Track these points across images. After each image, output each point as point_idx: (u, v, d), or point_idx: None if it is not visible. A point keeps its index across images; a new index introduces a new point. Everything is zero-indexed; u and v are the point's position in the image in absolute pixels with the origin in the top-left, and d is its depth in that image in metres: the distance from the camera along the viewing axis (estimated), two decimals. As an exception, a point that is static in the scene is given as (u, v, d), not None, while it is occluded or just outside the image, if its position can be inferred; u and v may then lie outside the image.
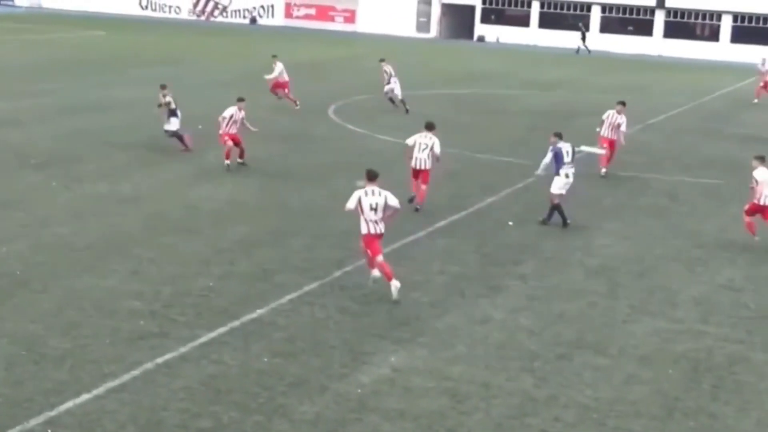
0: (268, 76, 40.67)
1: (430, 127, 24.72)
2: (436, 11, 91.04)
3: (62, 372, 14.15)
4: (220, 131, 28.14)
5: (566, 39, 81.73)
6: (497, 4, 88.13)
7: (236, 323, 16.36)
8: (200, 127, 33.35)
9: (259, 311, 16.99)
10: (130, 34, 73.10)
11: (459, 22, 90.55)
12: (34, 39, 66.67)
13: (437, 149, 24.25)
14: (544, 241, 22.41)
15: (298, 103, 40.29)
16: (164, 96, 30.12)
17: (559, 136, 23.79)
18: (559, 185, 23.60)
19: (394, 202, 17.95)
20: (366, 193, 17.78)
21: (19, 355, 14.64)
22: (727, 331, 17.44)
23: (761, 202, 22.11)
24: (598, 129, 30.01)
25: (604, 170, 29.41)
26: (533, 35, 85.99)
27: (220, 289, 18.05)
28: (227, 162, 27.93)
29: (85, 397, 13.39)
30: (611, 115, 29.85)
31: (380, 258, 18.03)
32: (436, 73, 58.58)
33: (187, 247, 20.57)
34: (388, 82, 41.46)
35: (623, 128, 29.94)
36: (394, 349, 15.77)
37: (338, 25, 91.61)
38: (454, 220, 23.91)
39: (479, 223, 23.87)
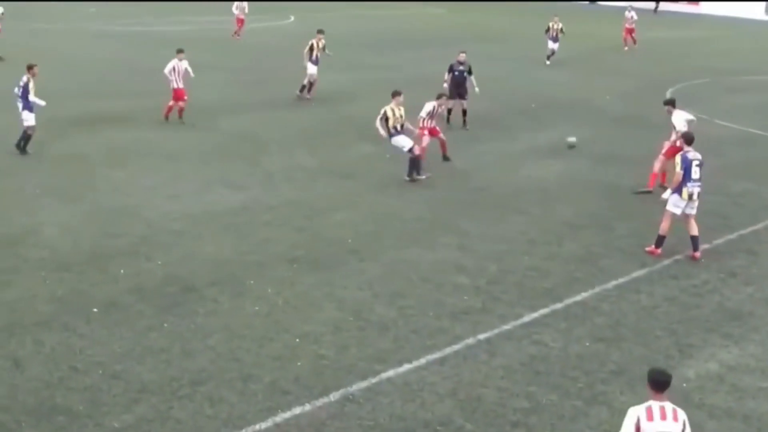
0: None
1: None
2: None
3: (386, 340, 14.39)
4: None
5: None
6: None
7: (559, 305, 16.08)
8: (533, 105, 33.36)
9: (584, 294, 16.63)
10: (470, 12, 73.96)
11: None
12: (378, 14, 68.80)
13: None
14: None
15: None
16: None
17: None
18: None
19: None
20: None
21: (346, 321, 15.03)
22: None
23: None
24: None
25: None
26: None
27: (544, 269, 17.83)
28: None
29: (406, 366, 13.55)
30: None
31: None
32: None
33: (513, 225, 20.47)
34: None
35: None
36: (723, 344, 14.98)
37: (682, 6, 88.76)
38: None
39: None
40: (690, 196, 18.47)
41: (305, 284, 16.50)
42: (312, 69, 34.49)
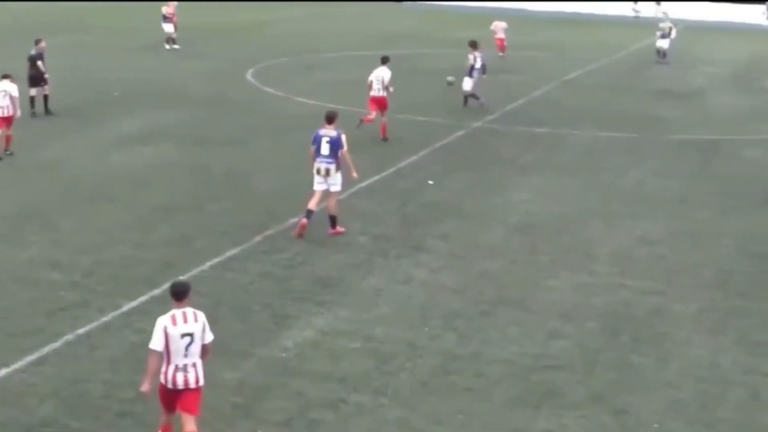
0: None
1: (385, 60, 28.22)
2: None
3: (-20, 347, 13.93)
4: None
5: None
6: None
7: (157, 291, 16.19)
8: (116, 93, 33.03)
9: (181, 278, 16.81)
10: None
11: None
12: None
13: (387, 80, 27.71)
14: (464, 200, 22.51)
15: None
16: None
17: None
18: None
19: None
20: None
21: (-66, 331, 14.38)
22: (646, 283, 17.69)
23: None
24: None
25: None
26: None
27: (140, 256, 17.88)
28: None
29: (4, 371, 13.19)
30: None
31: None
32: (352, 34, 58.28)
33: (106, 215, 20.31)
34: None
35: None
36: (317, 311, 15.78)
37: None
38: (375, 180, 23.86)
39: (400, 184, 23.88)
40: (318, 171, 19.15)
41: None
42: None
